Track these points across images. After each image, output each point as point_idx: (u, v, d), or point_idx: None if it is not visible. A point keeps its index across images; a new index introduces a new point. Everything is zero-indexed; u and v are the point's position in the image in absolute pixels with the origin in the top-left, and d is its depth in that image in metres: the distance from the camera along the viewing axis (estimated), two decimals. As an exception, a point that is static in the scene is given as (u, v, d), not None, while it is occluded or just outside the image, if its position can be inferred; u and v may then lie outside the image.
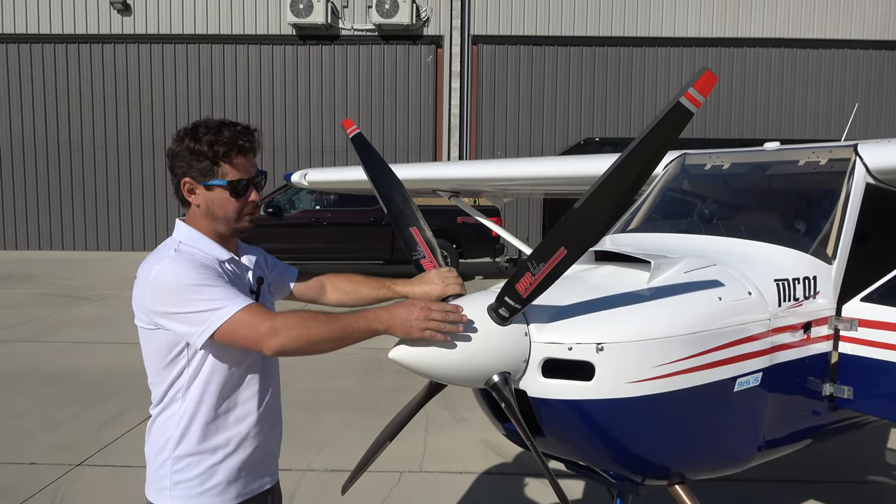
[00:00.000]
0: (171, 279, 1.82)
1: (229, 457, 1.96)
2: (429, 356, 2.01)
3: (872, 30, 19.23)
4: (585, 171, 4.92)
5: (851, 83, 19.31)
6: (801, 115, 19.43)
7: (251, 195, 1.97)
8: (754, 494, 4.29)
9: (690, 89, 1.64)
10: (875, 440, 5.25)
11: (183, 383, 1.92)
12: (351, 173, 6.55)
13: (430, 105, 19.62)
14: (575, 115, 19.54)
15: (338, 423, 5.67)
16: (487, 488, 4.50)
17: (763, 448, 2.64)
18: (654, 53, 19.41)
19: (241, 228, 2.00)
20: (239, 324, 1.77)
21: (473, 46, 19.35)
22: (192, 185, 1.95)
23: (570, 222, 1.88)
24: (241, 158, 1.94)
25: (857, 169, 3.18)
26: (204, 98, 19.48)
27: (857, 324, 2.76)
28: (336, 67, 19.59)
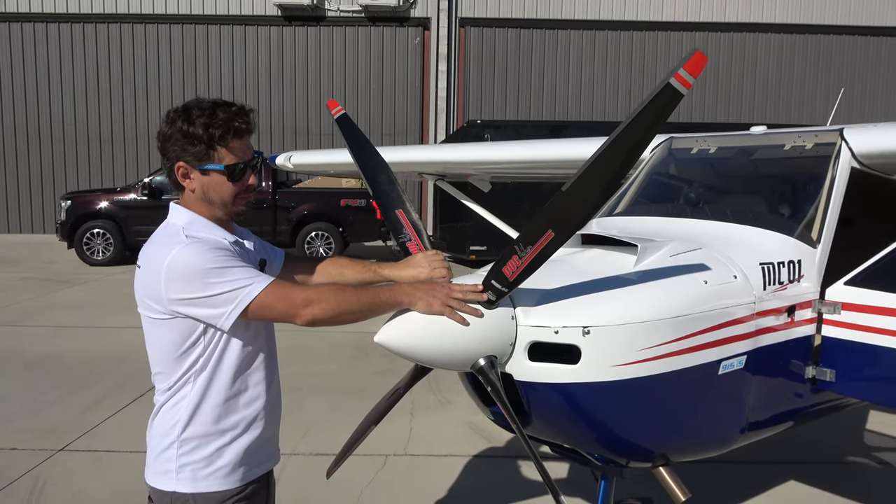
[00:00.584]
0: (190, 264, 1.78)
1: (237, 439, 1.95)
2: (414, 340, 1.99)
3: (858, 16, 19.30)
4: (571, 155, 4.90)
5: (837, 68, 19.41)
6: (786, 100, 19.52)
7: (248, 178, 1.94)
8: (736, 476, 4.33)
9: (680, 70, 1.62)
10: (853, 422, 5.33)
11: (196, 368, 1.89)
12: (336, 156, 6.49)
13: (416, 88, 19.48)
14: (562, 99, 19.50)
15: (323, 407, 5.66)
16: (473, 471, 4.52)
17: (746, 430, 2.66)
18: (642, 37, 19.37)
19: (237, 212, 1.97)
20: (272, 296, 1.78)
21: (461, 29, 19.21)
22: (187, 170, 1.89)
23: (557, 205, 1.86)
24: (238, 141, 1.89)
25: (842, 153, 3.19)
26: (188, 80, 19.21)
27: (840, 307, 2.78)
28: (322, 49, 19.38)
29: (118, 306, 9.41)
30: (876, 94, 19.53)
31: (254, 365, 1.98)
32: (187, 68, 19.24)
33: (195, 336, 1.86)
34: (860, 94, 19.23)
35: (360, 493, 4.14)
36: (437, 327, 2.00)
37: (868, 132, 3.25)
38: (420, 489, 4.22)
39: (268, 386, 2.03)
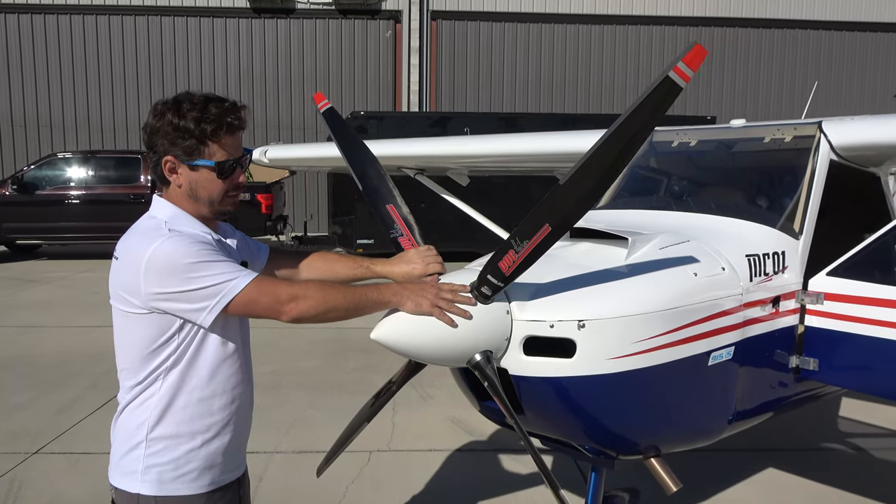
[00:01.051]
0: (171, 258, 1.72)
1: (208, 443, 1.88)
2: (411, 336, 1.98)
3: (833, 10, 19.69)
4: (553, 149, 4.92)
5: (813, 62, 19.78)
6: (765, 92, 19.81)
7: (238, 176, 1.89)
8: (716, 464, 4.40)
9: (679, 63, 1.62)
10: (827, 410, 5.45)
11: (167, 366, 1.82)
12: (314, 150, 6.43)
13: (388, 81, 19.37)
14: (534, 93, 19.56)
15: (303, 404, 5.61)
16: (458, 465, 4.52)
17: (734, 420, 2.70)
18: (613, 31, 19.52)
19: (223, 210, 1.92)
20: (257, 292, 1.74)
21: (433, 22, 19.14)
22: (175, 164, 1.83)
23: (554, 199, 1.86)
24: (230, 138, 1.84)
25: (821, 146, 3.24)
26: (154, 72, 18.83)
27: (823, 297, 2.83)
28: (292, 42, 19.15)
29: (87, 305, 9.23)
30: (850, 88, 19.96)
31: (229, 367, 1.91)
32: (153, 60, 18.85)
33: (170, 333, 1.79)
34: (835, 87, 19.62)
35: (345, 489, 4.12)
36: (433, 324, 1.99)
37: (846, 125, 3.31)
38: (406, 484, 4.21)
39: (242, 390, 1.97)
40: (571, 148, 4.39)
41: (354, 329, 8.35)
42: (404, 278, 2.22)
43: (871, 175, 3.72)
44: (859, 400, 5.53)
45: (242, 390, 1.97)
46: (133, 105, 18.78)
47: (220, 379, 1.89)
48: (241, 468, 2.07)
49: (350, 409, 5.55)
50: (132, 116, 18.78)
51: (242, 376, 1.97)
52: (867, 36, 19.93)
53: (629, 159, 1.81)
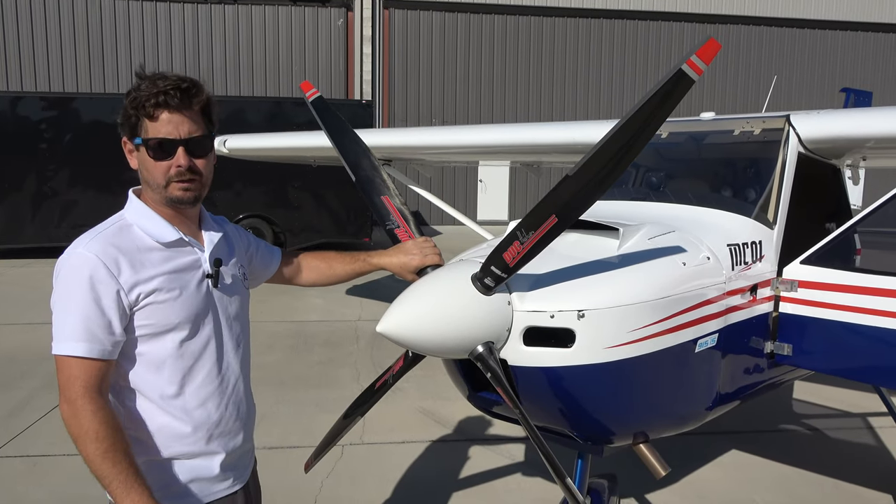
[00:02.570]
0: (64, 267, 1.65)
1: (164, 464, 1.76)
2: (416, 329, 1.96)
3: (791, 8, 20.38)
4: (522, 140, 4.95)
5: (768, 58, 20.43)
6: (731, 88, 20.34)
7: (178, 158, 1.70)
8: (681, 447, 4.52)
9: (693, 56, 1.63)
10: (783, 393, 5.68)
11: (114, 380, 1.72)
12: (275, 140, 6.29)
13: (340, 71, 19.12)
14: (487, 85, 19.62)
15: (268, 399, 5.51)
16: (430, 456, 4.52)
17: (716, 404, 2.78)
18: (564, 24, 19.73)
19: (172, 198, 1.73)
20: (63, 365, 1.60)
21: (385, 11, 18.97)
22: (128, 145, 1.74)
23: (562, 191, 1.86)
24: (166, 114, 1.68)
25: (790, 138, 3.35)
26: (94, 57, 18.08)
27: (797, 285, 2.93)
28: (241, 29, 18.68)
29: (30, 301, 8.83)
30: (808, 83, 20.71)
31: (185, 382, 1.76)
32: (93, 44, 18.11)
33: None
34: (791, 83, 20.33)
35: (321, 484, 4.07)
36: (437, 316, 1.98)
37: (813, 118, 3.42)
38: (381, 477, 4.19)
39: (210, 410, 1.80)
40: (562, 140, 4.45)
41: (315, 322, 8.33)
42: (402, 269, 2.19)
43: (832, 167, 3.87)
44: (811, 383, 5.78)
45: (210, 410, 1.80)
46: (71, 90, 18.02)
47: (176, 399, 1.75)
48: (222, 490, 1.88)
49: (318, 403, 5.55)
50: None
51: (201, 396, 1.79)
52: (816, 33, 20.74)
53: (639, 151, 1.82)
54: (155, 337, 1.71)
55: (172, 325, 1.71)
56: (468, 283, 2.03)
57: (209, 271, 1.81)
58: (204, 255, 1.82)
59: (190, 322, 1.74)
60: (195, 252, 1.80)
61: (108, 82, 18.18)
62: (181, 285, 1.73)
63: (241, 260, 1.99)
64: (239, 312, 1.92)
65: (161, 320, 1.70)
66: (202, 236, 1.85)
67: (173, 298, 1.71)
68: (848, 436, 4.99)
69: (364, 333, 7.78)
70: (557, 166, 6.85)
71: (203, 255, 1.82)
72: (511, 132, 5.32)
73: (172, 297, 1.71)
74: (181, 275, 1.74)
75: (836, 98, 13.09)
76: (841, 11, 20.71)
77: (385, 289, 10.00)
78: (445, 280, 2.06)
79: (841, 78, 20.03)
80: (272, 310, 8.73)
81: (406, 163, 6.24)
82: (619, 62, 20.04)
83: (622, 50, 20.07)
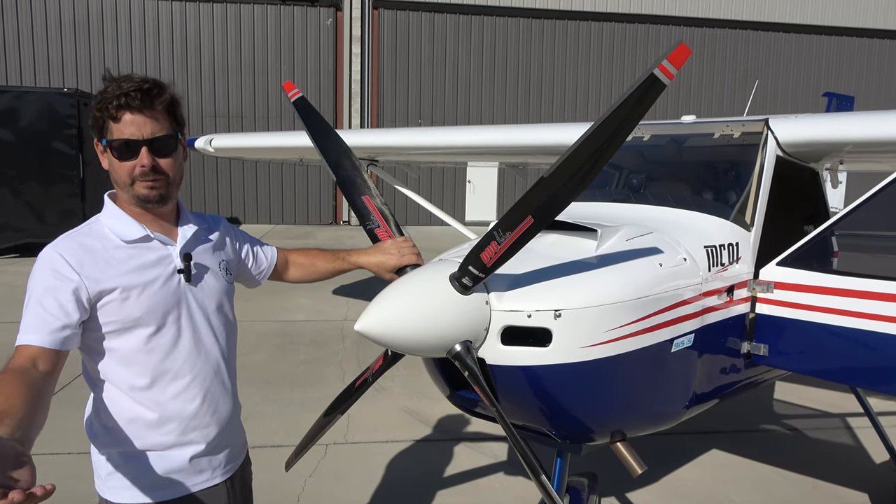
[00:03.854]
0: (38, 262, 1.72)
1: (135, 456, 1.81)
2: (394, 327, 1.98)
3: (775, 12, 20.57)
4: (507, 141, 4.98)
5: (753, 62, 20.60)
6: (714, 91, 20.49)
7: (141, 158, 1.72)
8: (663, 446, 4.58)
9: (664, 61, 1.67)
10: (764, 393, 5.75)
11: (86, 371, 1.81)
12: (262, 139, 6.29)
13: (329, 70, 19.10)
14: (476, 85, 19.66)
15: (254, 398, 5.51)
16: (416, 455, 4.55)
17: (692, 404, 2.82)
18: (553, 25, 19.81)
19: (139, 196, 1.76)
20: (16, 354, 1.61)
21: (375, 11, 18.98)
22: (97, 146, 1.79)
23: (538, 192, 1.89)
24: (128, 115, 1.70)
25: (769, 142, 3.40)
26: (80, 54, 17.96)
27: (773, 286, 2.98)
28: (229, 28, 18.62)
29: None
30: (789, 87, 20.89)
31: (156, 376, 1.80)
32: (80, 43, 17.99)
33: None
34: (772, 86, 20.51)
35: (303, 483, 4.08)
36: (415, 315, 2.00)
37: (791, 122, 3.47)
38: (365, 476, 4.21)
39: (182, 405, 1.83)
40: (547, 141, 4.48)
41: (302, 322, 8.33)
42: (380, 268, 2.23)
43: (811, 170, 3.93)
44: (791, 383, 5.85)
45: (182, 405, 1.83)
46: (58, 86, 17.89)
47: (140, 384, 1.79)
48: (215, 474, 1.93)
49: (303, 402, 5.55)
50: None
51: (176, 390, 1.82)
52: (800, 38, 20.94)
53: (612, 153, 1.85)
54: (121, 332, 1.75)
55: (136, 321, 1.75)
56: (446, 282, 2.06)
57: (180, 266, 1.84)
58: (175, 251, 1.85)
59: (157, 317, 1.78)
60: (164, 248, 1.84)
61: (95, 80, 18.06)
62: (144, 282, 1.76)
63: (227, 255, 2.02)
64: (219, 306, 1.95)
65: (125, 316, 1.74)
66: (177, 233, 1.89)
67: (136, 295, 1.74)
68: (826, 435, 5.06)
69: (350, 333, 7.79)
70: (544, 167, 6.89)
71: (174, 251, 1.85)
72: (496, 133, 5.36)
73: (136, 294, 1.74)
74: (145, 271, 1.78)
75: (819, 102, 13.24)
76: (825, 16, 20.95)
77: (372, 289, 10.00)
78: (423, 279, 2.08)
79: (824, 82, 20.26)
80: (259, 309, 8.72)
81: (393, 163, 6.26)
82: (607, 64, 20.15)
83: (609, 52, 20.19)
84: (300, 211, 19.65)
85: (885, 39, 21.41)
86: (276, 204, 19.46)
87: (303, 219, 19.64)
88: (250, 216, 19.21)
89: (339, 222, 19.93)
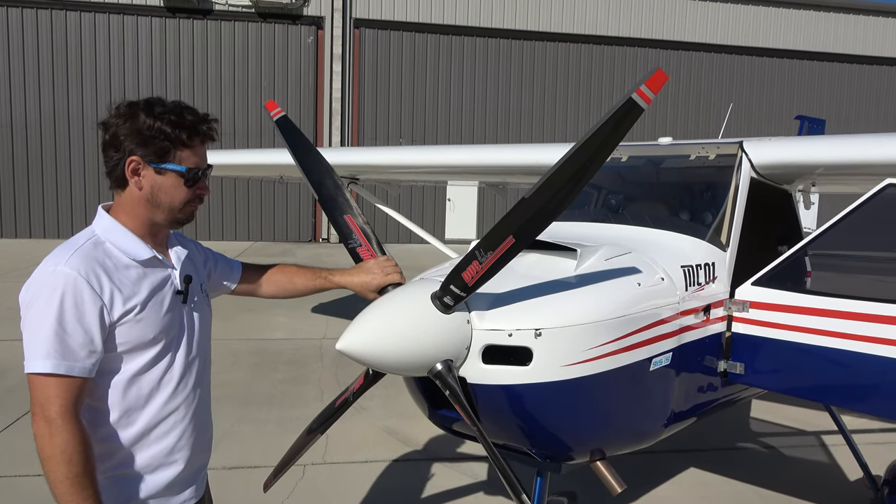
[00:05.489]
0: (45, 284, 1.64)
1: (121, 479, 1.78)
2: (375, 347, 1.98)
3: (748, 37, 21.03)
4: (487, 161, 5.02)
5: (727, 85, 20.99)
6: (683, 113, 20.82)
7: (201, 186, 1.84)
8: (642, 465, 4.60)
9: (642, 86, 1.71)
10: (741, 412, 5.80)
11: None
12: (242, 157, 6.27)
13: (310, 88, 19.13)
14: (456, 105, 19.81)
15: (231, 418, 5.44)
16: (394, 476, 4.51)
17: (671, 422, 2.84)
18: (532, 47, 20.07)
19: (181, 219, 1.86)
20: (40, 384, 1.60)
21: (356, 30, 19.09)
22: (140, 166, 1.75)
23: (519, 212, 1.92)
24: (201, 147, 1.82)
25: (743, 164, 3.48)
26: (58, 69, 17.80)
27: (748, 305, 3.03)
28: (209, 44, 18.59)
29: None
30: (763, 110, 21.30)
31: (150, 399, 1.79)
32: (57, 58, 17.84)
33: None
34: (749, 109, 20.89)
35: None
36: (397, 334, 2.01)
37: (764, 145, 3.56)
38: (344, 497, 4.16)
39: (169, 427, 1.84)
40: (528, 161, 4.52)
41: (280, 341, 8.26)
42: (363, 288, 2.22)
43: (784, 192, 4.02)
44: (767, 401, 5.92)
45: (169, 427, 1.83)
46: (33, 104, 17.72)
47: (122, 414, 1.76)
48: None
49: (281, 421, 5.49)
50: (32, 115, 17.71)
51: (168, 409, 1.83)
52: (773, 62, 21.42)
53: (592, 175, 1.89)
54: (131, 353, 1.75)
55: (148, 342, 1.76)
56: (428, 301, 2.07)
57: (179, 288, 1.87)
58: (175, 273, 1.88)
59: (164, 338, 1.80)
60: (166, 270, 1.86)
61: (72, 97, 17.91)
62: (157, 302, 1.78)
63: (202, 276, 2.03)
64: (204, 328, 1.97)
65: (139, 337, 1.74)
66: (170, 254, 1.91)
67: (150, 315, 1.75)
68: (802, 453, 5.12)
69: (329, 352, 7.73)
70: (523, 187, 6.96)
71: (174, 273, 1.88)
72: (477, 153, 5.41)
73: (150, 315, 1.75)
74: (156, 292, 1.79)
75: (792, 125, 13.54)
76: (797, 42, 21.49)
77: (352, 307, 9.95)
78: (405, 298, 2.09)
79: (797, 105, 20.71)
80: (236, 327, 8.63)
81: (374, 181, 6.28)
82: (585, 86, 20.44)
83: (588, 74, 20.49)
84: (279, 228, 19.54)
85: (854, 64, 22.01)
86: (255, 221, 19.34)
87: (282, 236, 19.53)
88: (228, 233, 19.06)
89: (318, 240, 19.85)
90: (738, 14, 21.03)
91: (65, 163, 18.03)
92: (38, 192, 18.05)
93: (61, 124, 17.89)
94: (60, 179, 18.08)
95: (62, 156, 18.01)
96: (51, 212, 18.14)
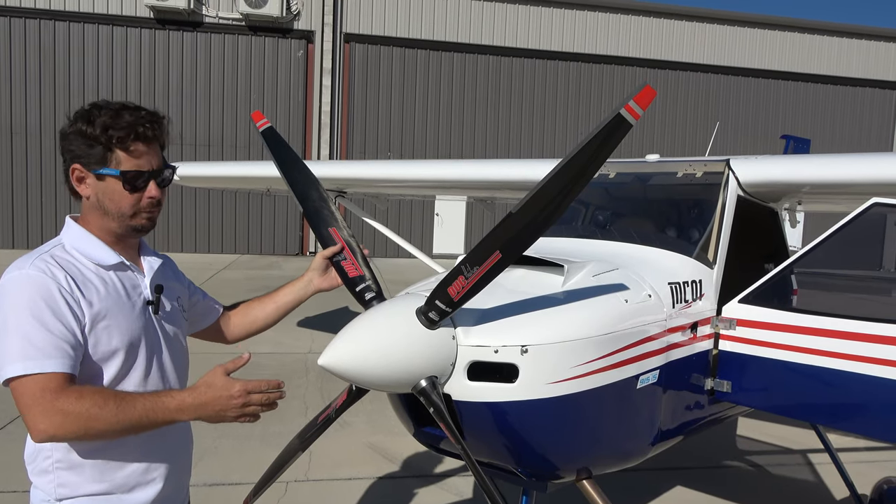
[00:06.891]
0: (10, 288, 1.59)
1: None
2: (359, 363, 1.95)
3: (735, 57, 21.27)
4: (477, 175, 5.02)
5: (714, 104, 21.20)
6: (671, 131, 20.96)
7: (150, 190, 1.75)
8: (627, 483, 4.56)
9: (630, 102, 1.70)
10: (727, 430, 5.79)
11: None
12: (228, 168, 6.23)
13: (299, 102, 19.12)
14: (445, 120, 19.87)
15: (212, 434, 5.34)
16: (378, 493, 4.45)
17: (657, 440, 2.82)
18: (521, 63, 20.19)
19: (136, 227, 1.77)
20: (21, 388, 1.53)
21: (346, 44, 19.13)
22: (82, 173, 1.72)
23: (506, 227, 1.90)
24: (141, 146, 1.72)
25: (730, 182, 3.49)
26: (45, 80, 17.68)
27: (735, 323, 3.02)
28: (199, 57, 18.55)
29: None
30: (748, 129, 21.51)
31: None
32: (45, 68, 17.72)
33: None
34: (735, 127, 21.09)
35: (262, 523, 3.94)
36: (380, 349, 1.97)
37: (751, 163, 3.57)
38: (326, 515, 4.09)
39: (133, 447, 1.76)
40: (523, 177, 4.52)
41: (265, 355, 8.17)
42: (312, 278, 2.33)
43: (770, 210, 4.03)
44: (754, 419, 5.91)
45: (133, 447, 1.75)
46: (19, 114, 17.58)
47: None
48: None
49: (263, 437, 5.41)
50: (17, 124, 17.56)
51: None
52: (759, 82, 21.69)
53: (579, 191, 1.87)
54: (97, 362, 1.68)
55: (114, 350, 1.69)
56: (413, 316, 2.04)
57: (150, 297, 1.81)
58: (145, 281, 1.82)
59: (131, 347, 1.73)
60: (135, 277, 1.80)
61: (59, 107, 17.78)
62: (122, 310, 1.72)
63: (182, 292, 1.99)
64: (178, 341, 1.93)
65: (105, 345, 1.68)
66: (142, 262, 1.86)
67: (116, 323, 1.69)
68: (788, 472, 5.10)
69: (314, 366, 7.63)
70: (512, 202, 6.96)
71: (144, 281, 1.82)
72: (465, 168, 5.40)
73: (115, 322, 1.69)
74: (122, 299, 1.73)
75: (777, 144, 13.68)
76: (782, 62, 21.77)
77: (337, 321, 9.88)
78: (390, 313, 2.06)
79: (782, 125, 20.94)
80: (220, 341, 8.53)
81: (361, 195, 6.26)
82: (574, 102, 20.57)
83: (576, 90, 20.63)
84: (266, 241, 19.41)
85: (838, 86, 22.32)
86: (242, 233, 19.22)
87: (269, 249, 19.41)
88: (214, 245, 18.91)
89: (305, 253, 19.74)
90: (725, 35, 21.30)
91: (50, 174, 17.86)
92: (22, 202, 17.86)
93: (47, 136, 17.73)
94: (45, 190, 17.90)
95: (47, 167, 17.84)
96: (35, 222, 17.94)
